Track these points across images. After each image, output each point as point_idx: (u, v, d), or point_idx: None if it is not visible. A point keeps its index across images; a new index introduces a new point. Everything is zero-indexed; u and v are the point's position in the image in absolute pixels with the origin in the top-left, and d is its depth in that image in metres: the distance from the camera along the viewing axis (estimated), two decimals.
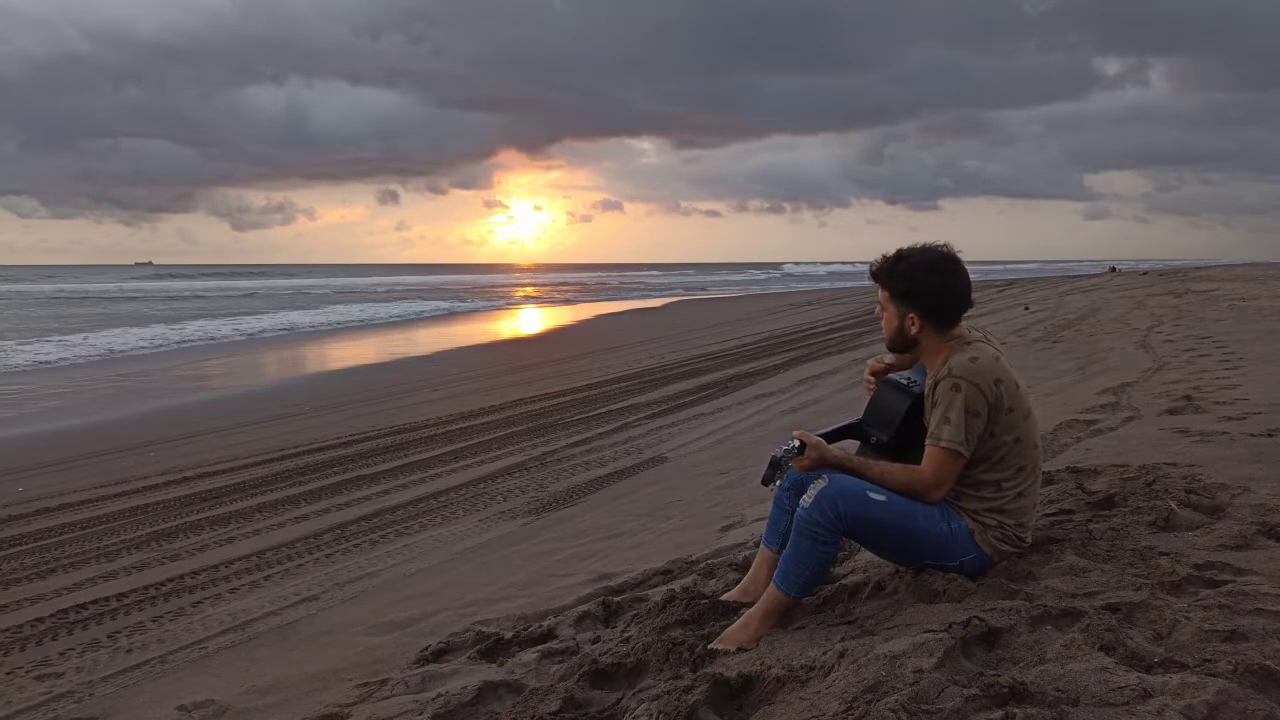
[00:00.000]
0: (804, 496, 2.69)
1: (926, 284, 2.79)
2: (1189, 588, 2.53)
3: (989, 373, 2.69)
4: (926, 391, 2.81)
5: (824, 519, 2.62)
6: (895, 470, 2.73)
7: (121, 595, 5.75)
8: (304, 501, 8.20)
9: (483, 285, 77.42)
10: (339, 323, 33.07)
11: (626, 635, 3.06)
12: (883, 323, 2.91)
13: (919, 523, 2.70)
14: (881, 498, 2.67)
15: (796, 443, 2.71)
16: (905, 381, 2.98)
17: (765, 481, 2.72)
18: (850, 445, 2.96)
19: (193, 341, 26.06)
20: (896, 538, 2.72)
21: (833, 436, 2.86)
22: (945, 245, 2.82)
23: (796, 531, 2.67)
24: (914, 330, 2.81)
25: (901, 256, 2.82)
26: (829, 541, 2.66)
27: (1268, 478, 3.67)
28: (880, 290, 2.88)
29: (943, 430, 2.67)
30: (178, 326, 30.34)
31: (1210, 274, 35.66)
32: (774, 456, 2.71)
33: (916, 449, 2.75)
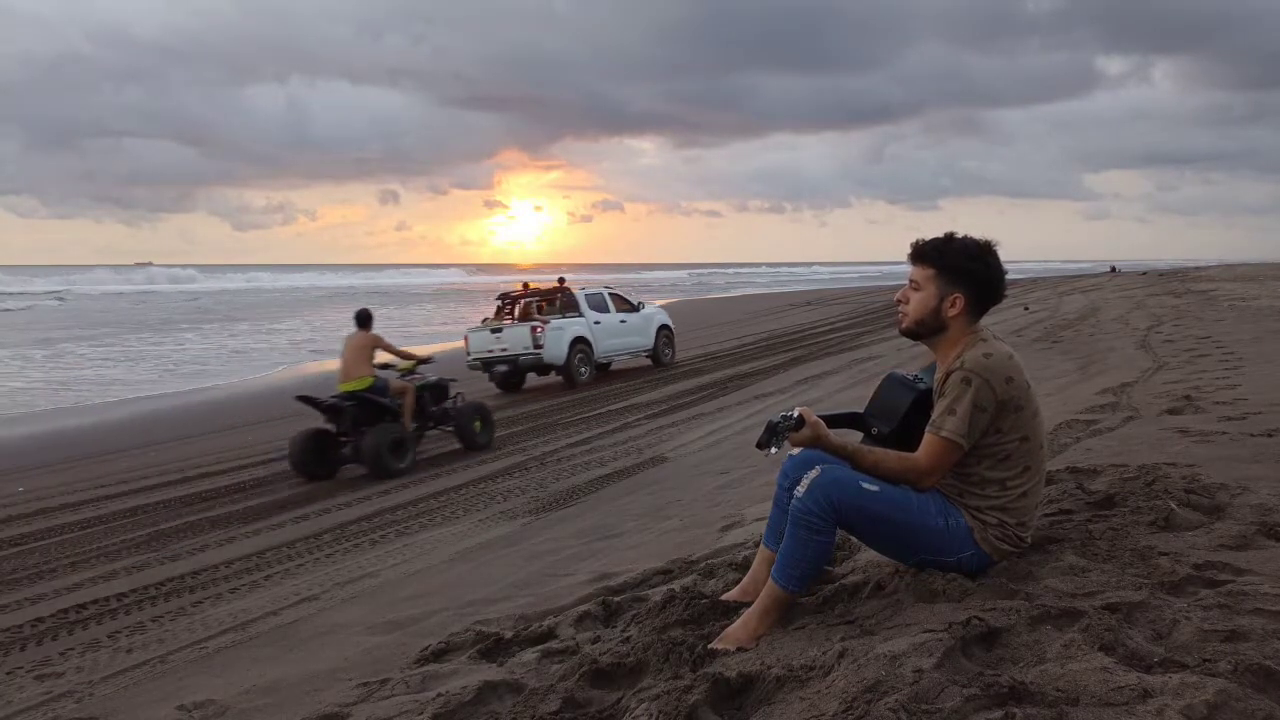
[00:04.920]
0: (798, 487, 2.69)
1: (980, 265, 2.78)
2: (1189, 588, 2.52)
3: (1001, 370, 2.69)
4: (935, 384, 2.81)
5: (818, 508, 2.62)
6: (890, 457, 2.73)
7: (121, 595, 5.75)
8: (304, 501, 8.20)
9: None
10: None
11: (626, 635, 3.06)
12: (910, 304, 2.83)
13: (913, 516, 2.70)
14: (875, 488, 2.67)
15: (796, 413, 2.68)
16: (912, 378, 2.97)
17: (760, 445, 2.68)
18: (849, 434, 2.95)
19: None
20: (890, 529, 2.71)
21: (831, 422, 2.84)
22: (984, 237, 2.84)
23: (792, 522, 2.67)
24: (952, 312, 2.78)
25: (953, 237, 2.82)
26: (824, 531, 2.65)
27: (1268, 478, 3.67)
28: (919, 270, 2.83)
29: (946, 421, 2.66)
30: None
31: (1210, 274, 35.67)
32: (771, 421, 2.67)
33: (916, 444, 2.75)
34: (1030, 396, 2.75)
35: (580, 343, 15.30)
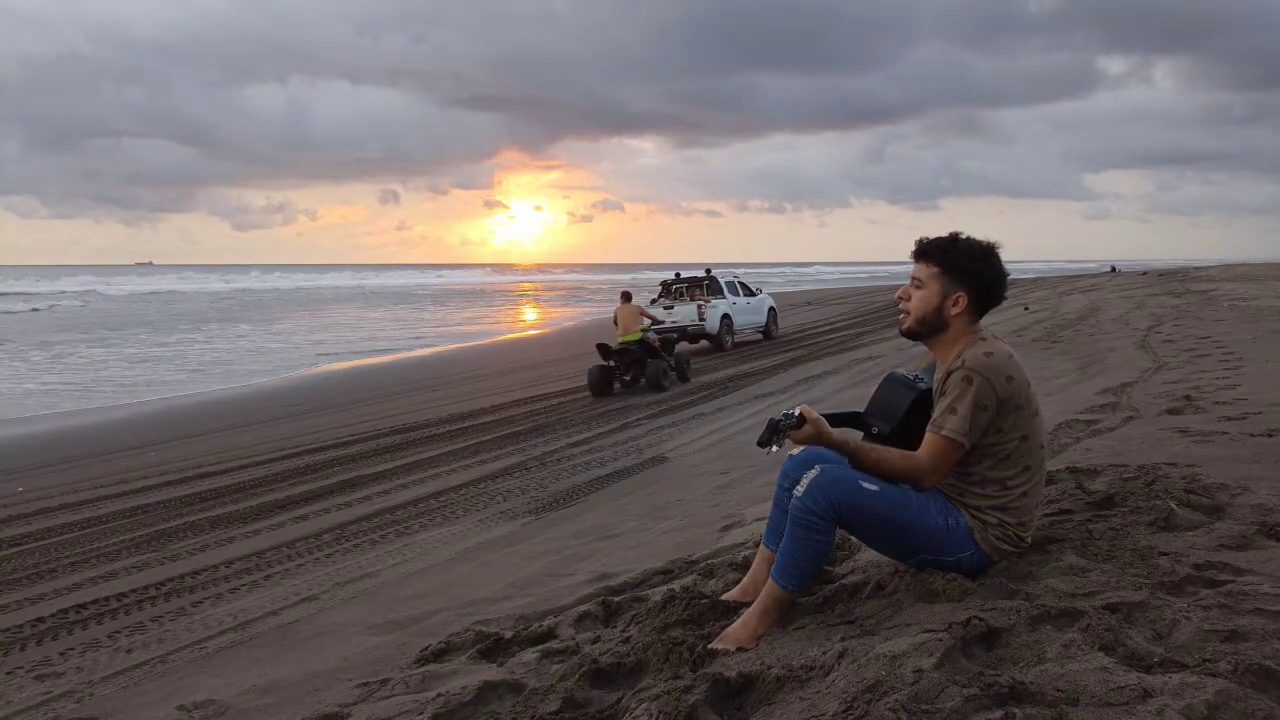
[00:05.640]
0: (797, 487, 2.69)
1: (984, 266, 2.79)
2: (1189, 588, 2.52)
3: (1002, 369, 2.69)
4: (936, 383, 2.81)
5: (817, 507, 2.62)
6: (892, 456, 2.73)
7: (121, 595, 5.75)
8: (304, 501, 8.19)
9: (585, 285, 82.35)
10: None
11: (626, 635, 3.06)
12: (912, 302, 2.84)
13: (913, 515, 2.70)
14: (874, 487, 2.67)
15: (797, 412, 2.68)
16: (912, 378, 2.97)
17: (761, 444, 2.68)
18: (850, 434, 2.95)
19: None
20: (890, 528, 2.72)
21: (832, 421, 2.84)
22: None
23: (791, 522, 2.67)
24: (954, 311, 2.79)
25: (959, 237, 2.83)
26: (824, 531, 2.65)
27: (1268, 478, 3.67)
28: (923, 267, 2.83)
29: (947, 420, 2.66)
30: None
31: (1210, 274, 35.67)
32: (773, 419, 2.67)
33: (916, 443, 2.75)
34: (1030, 396, 2.76)
35: (726, 318, 20.12)
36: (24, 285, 70.56)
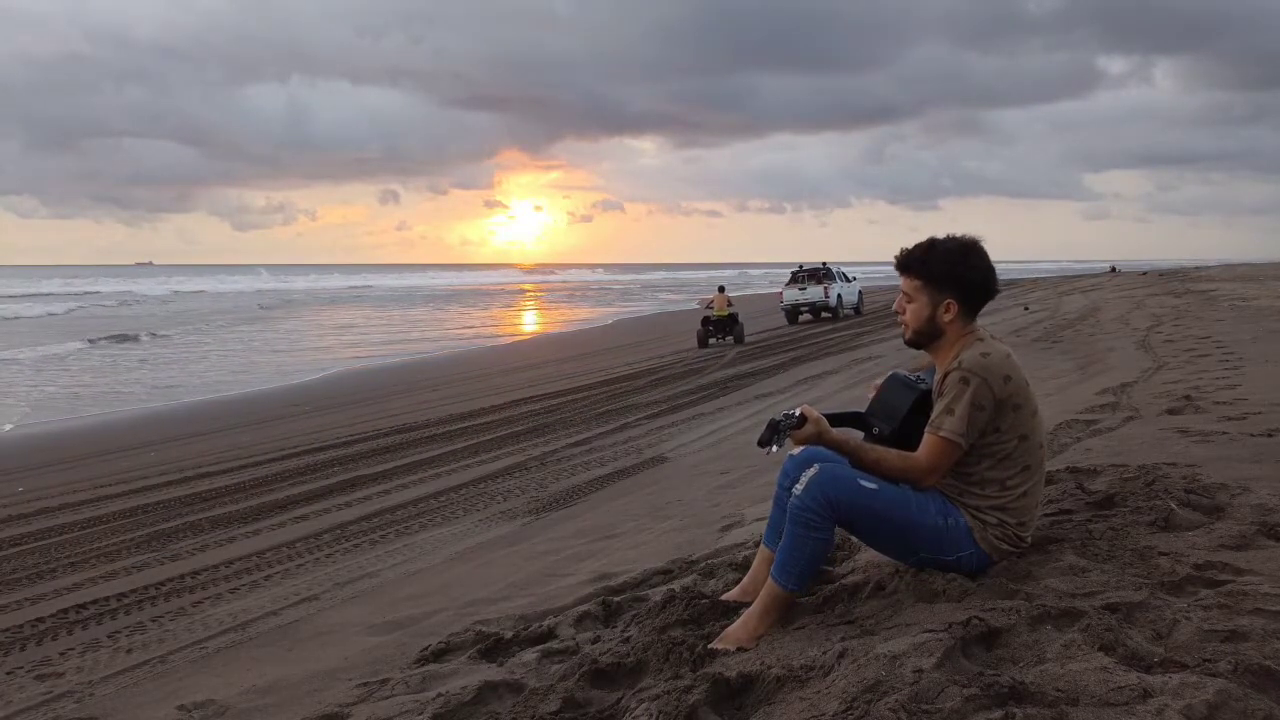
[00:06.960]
0: (796, 485, 2.69)
1: (965, 267, 2.78)
2: (1189, 588, 2.52)
3: (999, 368, 2.69)
4: (935, 384, 2.82)
5: (815, 505, 2.62)
6: (890, 455, 2.73)
7: (121, 595, 5.74)
8: (304, 501, 8.19)
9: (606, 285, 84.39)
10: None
11: (626, 635, 3.06)
12: (907, 315, 2.85)
13: (911, 514, 2.70)
14: (873, 486, 2.67)
15: (798, 412, 2.68)
16: (914, 378, 2.98)
17: (761, 443, 2.68)
18: (850, 434, 2.96)
19: None
20: (888, 527, 2.72)
21: (833, 420, 2.84)
22: (968, 235, 2.83)
23: (790, 520, 2.67)
24: (947, 318, 2.79)
25: (935, 244, 2.82)
26: (822, 529, 2.66)
27: (1268, 478, 3.67)
28: (908, 281, 2.84)
29: (944, 420, 2.67)
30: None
31: (1210, 274, 35.66)
32: (773, 420, 2.67)
33: (917, 443, 2.75)
34: (1028, 395, 2.76)
35: (840, 296, 28.42)
36: (49, 286, 71.38)
